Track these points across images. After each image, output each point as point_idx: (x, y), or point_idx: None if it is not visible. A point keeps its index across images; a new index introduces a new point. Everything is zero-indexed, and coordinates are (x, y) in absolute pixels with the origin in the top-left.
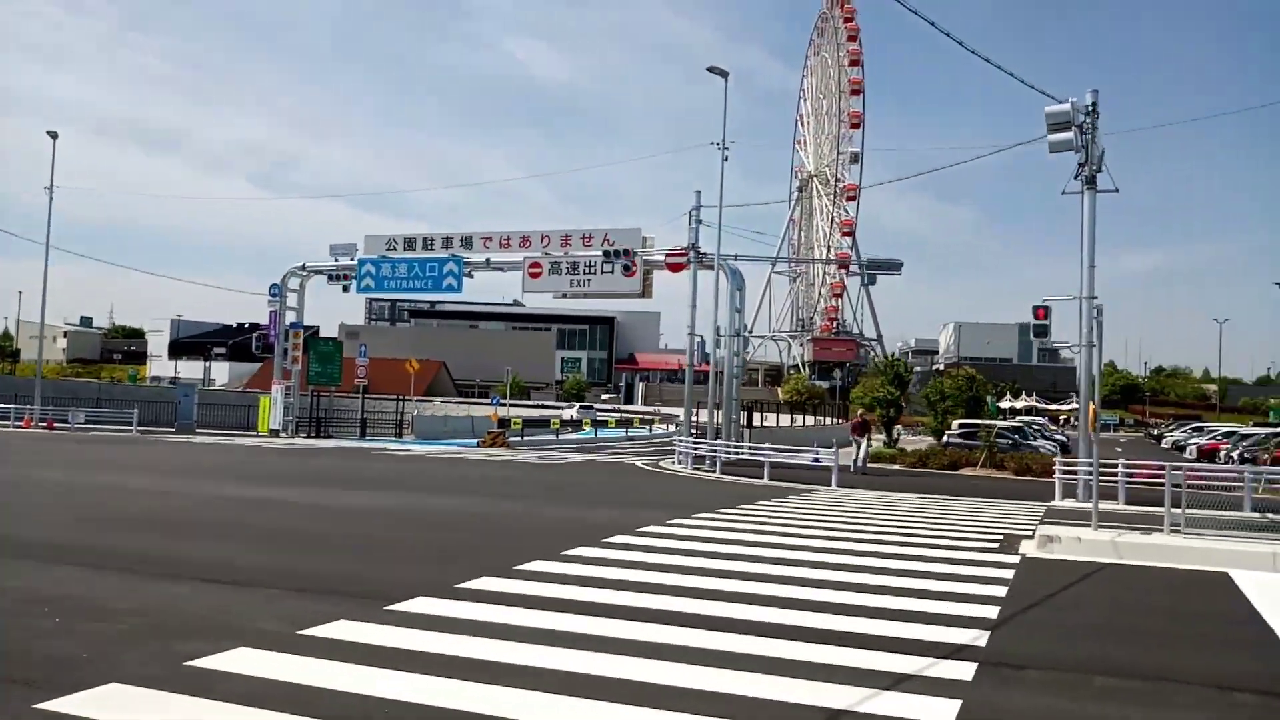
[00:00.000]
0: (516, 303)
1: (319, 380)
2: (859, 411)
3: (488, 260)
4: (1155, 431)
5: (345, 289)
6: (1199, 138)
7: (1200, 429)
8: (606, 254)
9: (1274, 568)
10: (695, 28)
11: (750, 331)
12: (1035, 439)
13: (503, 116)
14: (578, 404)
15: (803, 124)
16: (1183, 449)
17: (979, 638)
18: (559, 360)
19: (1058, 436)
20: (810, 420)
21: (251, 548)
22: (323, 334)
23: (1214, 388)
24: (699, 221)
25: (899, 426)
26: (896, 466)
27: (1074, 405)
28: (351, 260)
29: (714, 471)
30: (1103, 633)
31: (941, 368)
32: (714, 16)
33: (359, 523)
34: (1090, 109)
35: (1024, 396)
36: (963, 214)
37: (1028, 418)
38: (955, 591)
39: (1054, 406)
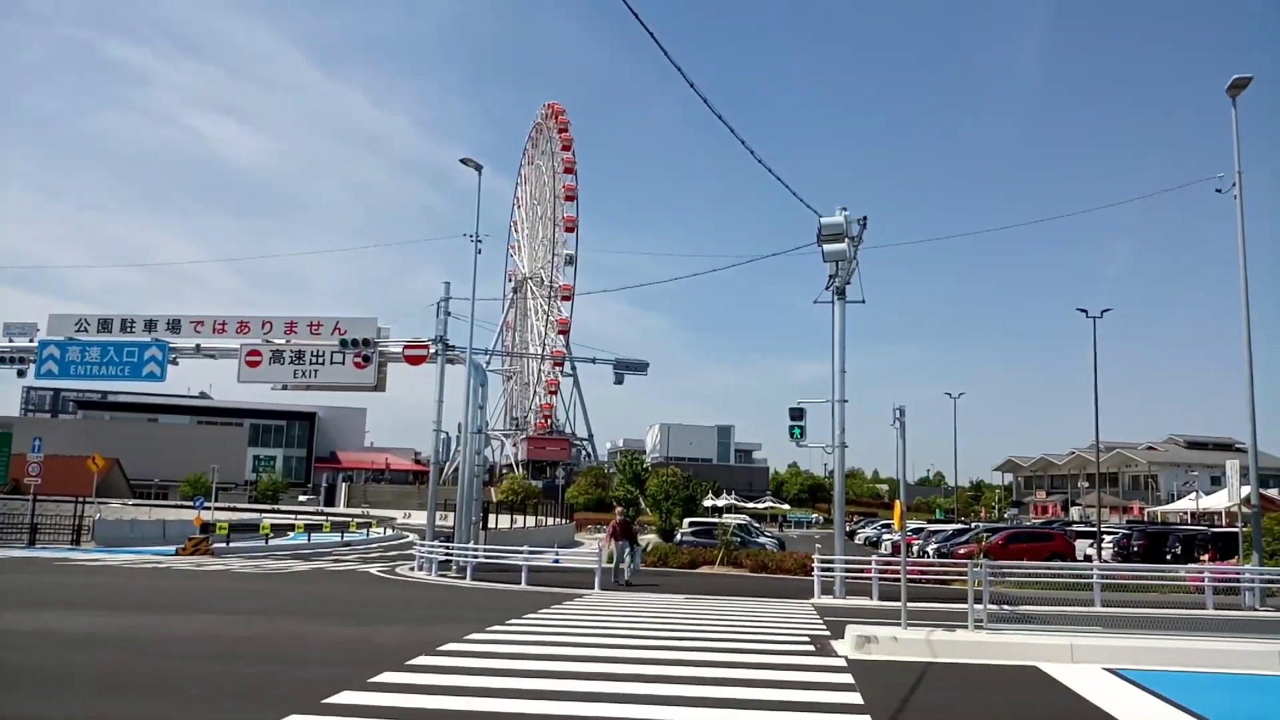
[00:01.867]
0: (204, 394)
1: None
2: (616, 512)
3: (198, 346)
4: (847, 529)
5: (21, 373)
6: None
7: (888, 526)
8: (343, 343)
9: (1072, 659)
10: (393, 119)
11: (489, 436)
12: (758, 536)
13: (184, 196)
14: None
15: (516, 230)
16: (877, 544)
17: None
18: (251, 458)
19: (770, 533)
20: (531, 520)
21: None
22: None
23: (885, 487)
24: (448, 314)
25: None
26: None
27: (768, 503)
28: (31, 341)
29: (464, 578)
30: None
31: (650, 467)
32: (412, 111)
33: (87, 652)
34: (862, 222)
35: (724, 495)
36: (659, 321)
37: (739, 516)
38: (808, 701)
39: (751, 505)
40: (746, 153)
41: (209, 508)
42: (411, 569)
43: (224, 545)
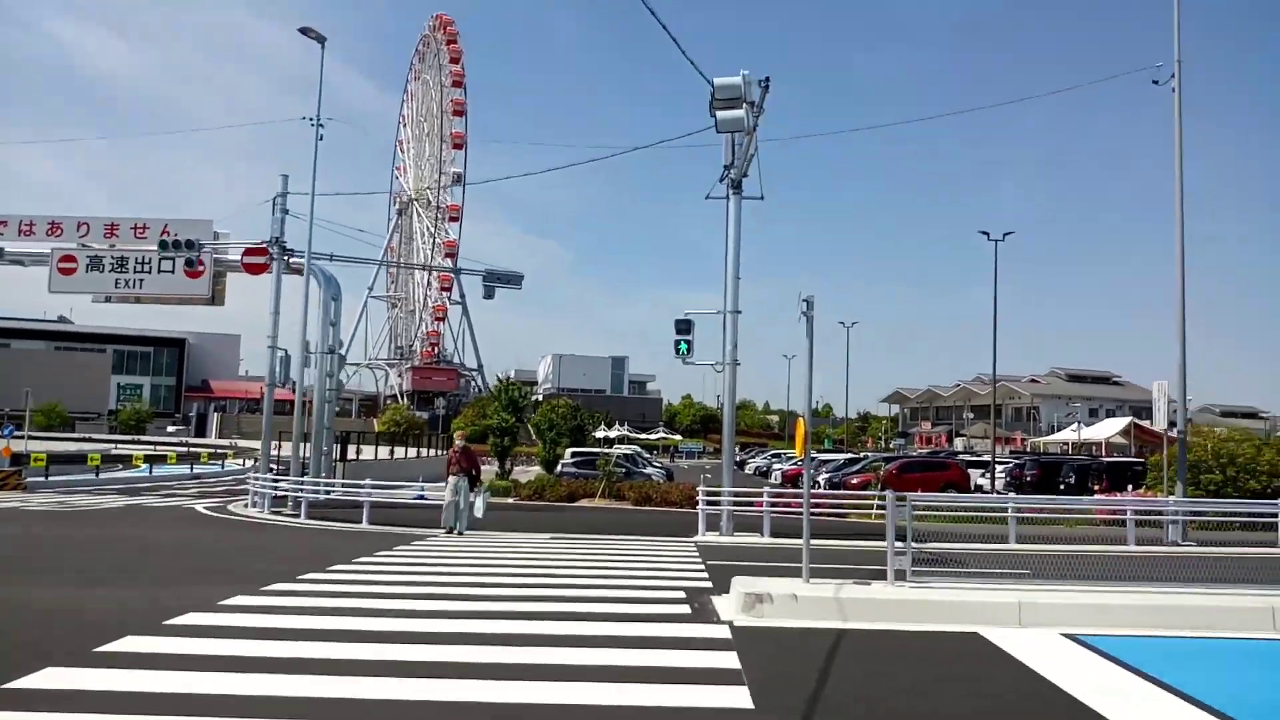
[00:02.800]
0: (63, 319)
1: None
2: (457, 438)
3: (1, 251)
4: (737, 459)
5: None
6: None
7: (780, 455)
8: (163, 245)
9: (1019, 621)
10: (275, 33)
11: (345, 358)
12: (645, 467)
13: (41, 106)
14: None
15: (402, 149)
16: (766, 474)
17: None
18: (115, 387)
19: (659, 464)
20: (412, 452)
21: None
22: None
23: (776, 418)
24: (285, 211)
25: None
26: (511, 500)
27: (660, 434)
28: None
29: (298, 515)
30: None
31: (541, 398)
32: (294, 24)
33: None
34: (764, 84)
35: (617, 426)
36: (558, 251)
37: (629, 447)
38: (673, 703)
39: (644, 435)
40: (645, 66)
41: (20, 436)
42: (246, 506)
43: (41, 479)
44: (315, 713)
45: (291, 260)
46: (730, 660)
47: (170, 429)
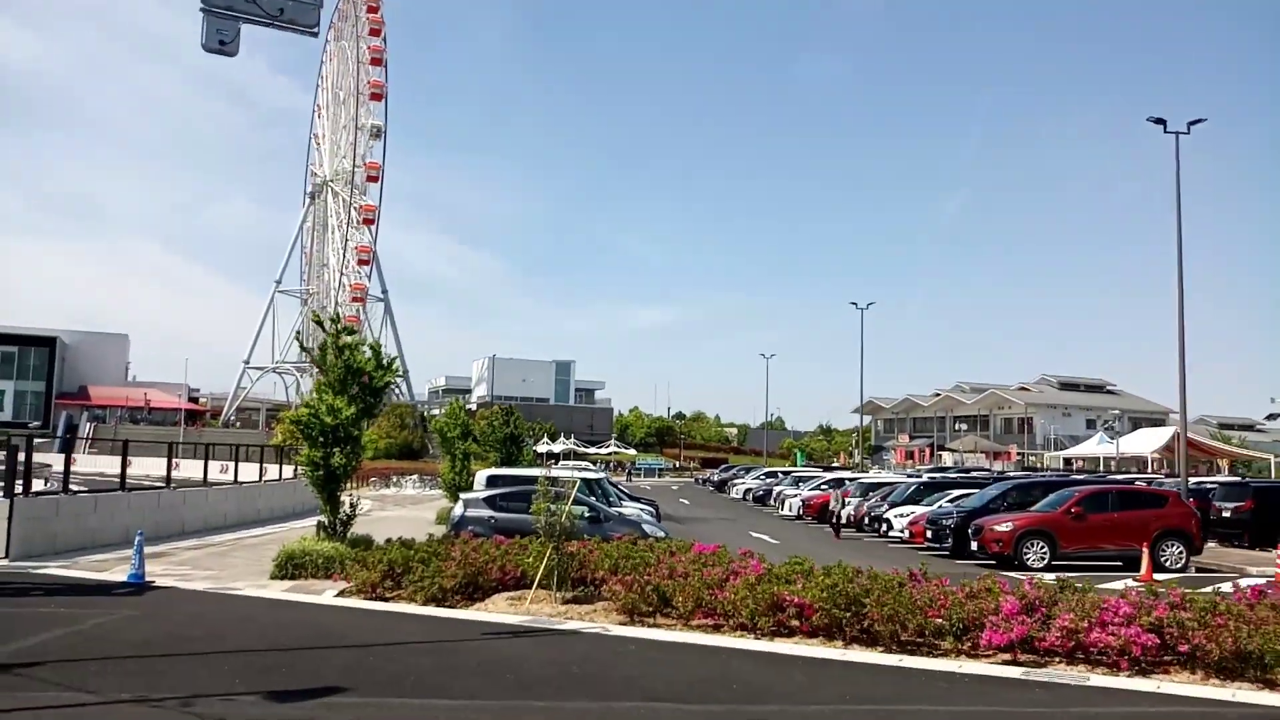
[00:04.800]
0: None
1: None
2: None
3: None
4: (706, 477)
5: None
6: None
7: (778, 474)
8: None
9: None
10: (181, 22)
11: (248, 362)
12: (619, 504)
13: None
14: None
15: (319, 115)
16: (765, 500)
17: None
18: None
19: (636, 498)
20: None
21: None
22: None
23: (734, 430)
24: None
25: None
26: (332, 594)
27: (612, 448)
28: None
29: None
30: None
31: (474, 407)
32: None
33: None
34: None
35: (563, 439)
36: (491, 263)
37: (585, 466)
38: None
39: (593, 450)
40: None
41: None
42: None
43: None
44: None
45: None
46: None
47: (36, 442)
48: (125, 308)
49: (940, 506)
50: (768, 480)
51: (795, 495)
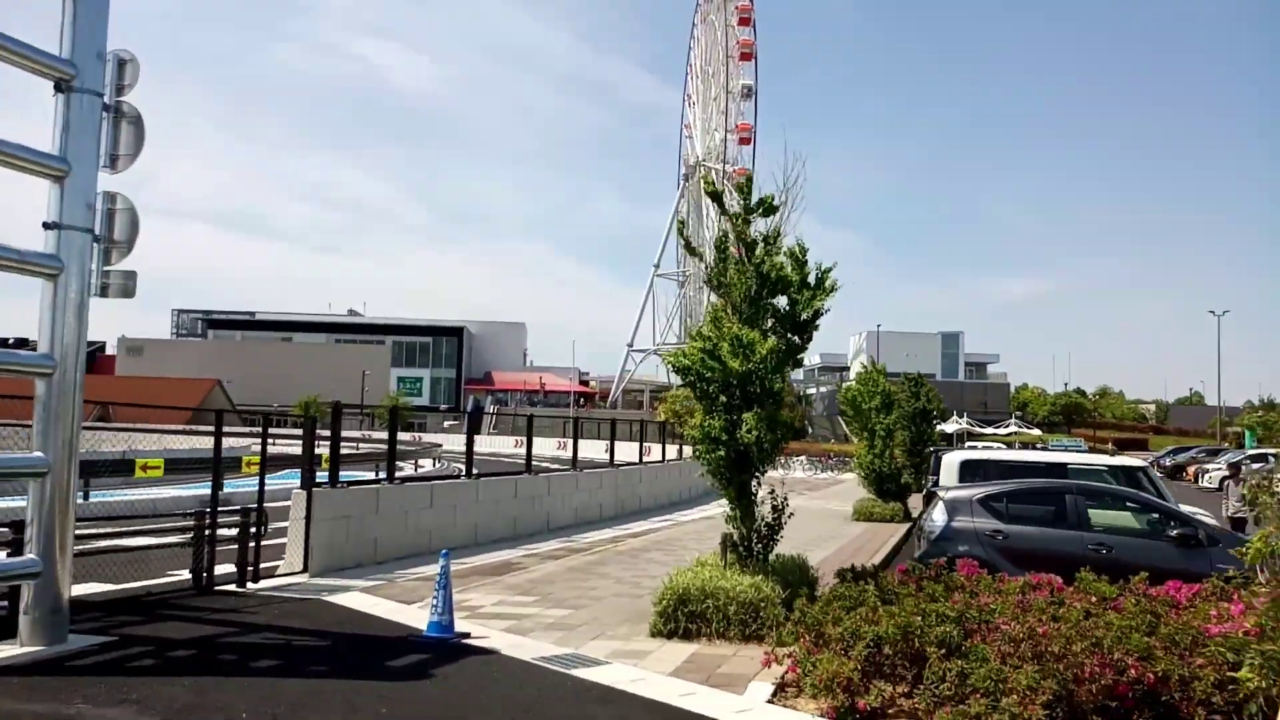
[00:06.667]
0: (353, 312)
1: None
2: None
3: None
4: (1169, 462)
5: None
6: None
7: (1264, 457)
8: None
9: None
10: (553, 33)
11: (631, 345)
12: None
13: (356, 127)
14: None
15: (690, 105)
16: None
17: None
18: (394, 380)
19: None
20: (671, 452)
21: None
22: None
23: (1152, 407)
24: None
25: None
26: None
27: (1013, 428)
28: None
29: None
30: None
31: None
32: (570, 22)
33: None
34: None
35: (954, 418)
36: (848, 239)
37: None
38: None
39: (990, 430)
40: None
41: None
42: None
43: None
44: None
45: None
46: None
47: (446, 423)
48: (518, 304)
49: None
50: (1247, 462)
51: None
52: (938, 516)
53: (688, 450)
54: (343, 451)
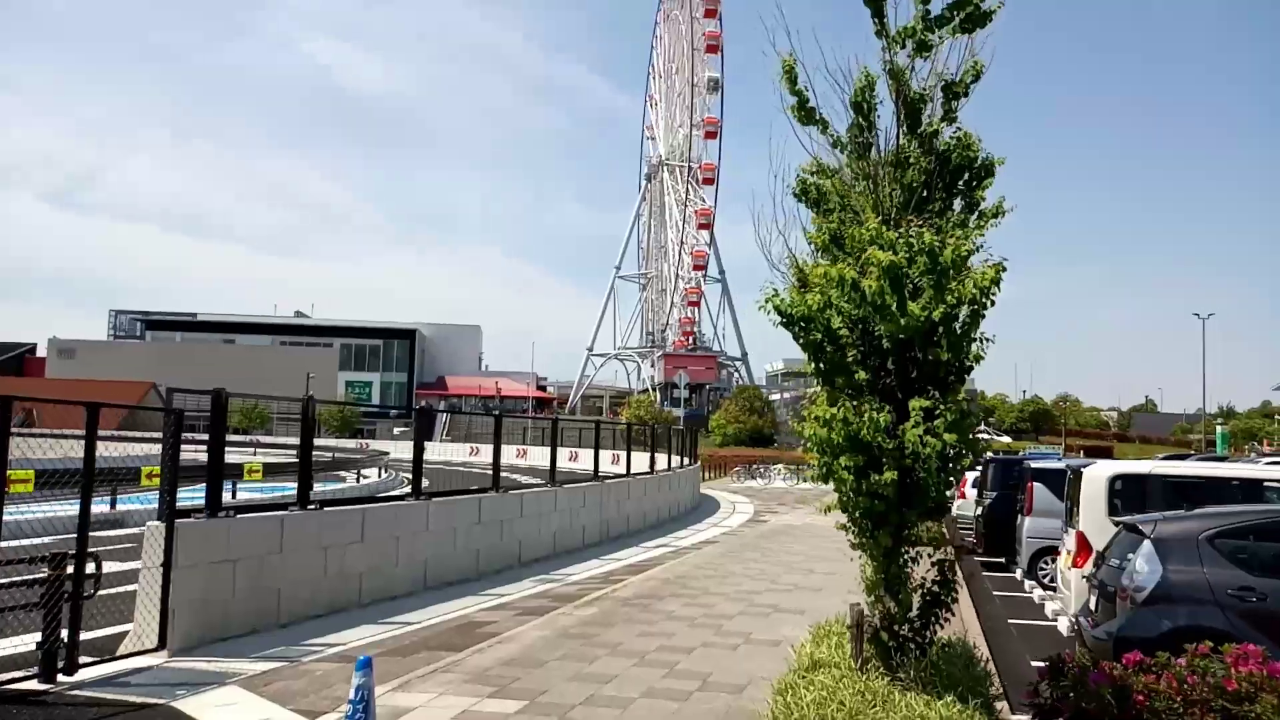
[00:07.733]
0: (300, 314)
1: None
2: None
3: None
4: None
5: None
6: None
7: None
8: None
9: None
10: (506, 33)
11: (591, 349)
12: None
13: (313, 128)
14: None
15: (652, 106)
16: None
17: None
18: (342, 384)
19: None
20: (639, 461)
21: None
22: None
23: (1114, 415)
24: None
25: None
26: None
27: (984, 434)
28: None
29: None
30: None
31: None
32: (525, 24)
33: None
34: None
35: None
36: None
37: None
38: None
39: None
40: None
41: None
42: None
43: None
44: None
45: None
46: None
47: (396, 430)
48: (476, 308)
49: None
50: None
51: None
52: (1143, 565)
53: (661, 460)
54: (275, 460)
